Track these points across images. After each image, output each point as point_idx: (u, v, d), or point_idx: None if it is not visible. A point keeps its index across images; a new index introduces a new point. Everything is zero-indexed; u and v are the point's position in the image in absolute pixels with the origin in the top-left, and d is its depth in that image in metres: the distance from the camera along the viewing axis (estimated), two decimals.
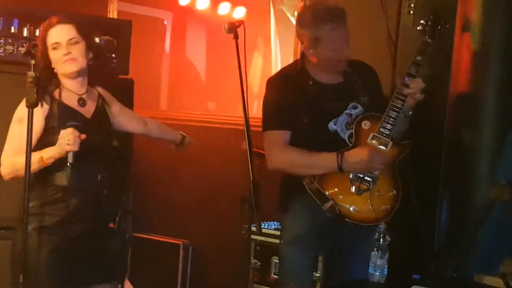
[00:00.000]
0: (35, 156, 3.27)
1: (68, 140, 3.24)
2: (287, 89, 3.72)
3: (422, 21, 3.72)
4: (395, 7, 4.41)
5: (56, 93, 3.43)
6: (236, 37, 3.40)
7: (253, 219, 3.27)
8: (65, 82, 3.46)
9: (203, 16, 6.75)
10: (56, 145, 3.28)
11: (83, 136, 3.28)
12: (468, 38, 3.94)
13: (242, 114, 3.34)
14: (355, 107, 3.74)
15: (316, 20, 3.63)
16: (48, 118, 3.37)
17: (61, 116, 3.38)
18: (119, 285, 3.65)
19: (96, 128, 3.47)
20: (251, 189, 3.22)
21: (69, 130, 3.26)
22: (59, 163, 3.32)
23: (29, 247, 3.28)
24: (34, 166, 3.26)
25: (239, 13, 6.63)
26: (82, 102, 3.48)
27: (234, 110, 5.62)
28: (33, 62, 3.20)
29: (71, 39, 3.42)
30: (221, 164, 5.28)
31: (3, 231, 4.10)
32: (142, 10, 6.35)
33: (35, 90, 3.18)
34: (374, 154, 3.59)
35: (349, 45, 3.67)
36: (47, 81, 3.41)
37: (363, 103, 3.74)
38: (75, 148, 3.26)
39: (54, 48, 3.42)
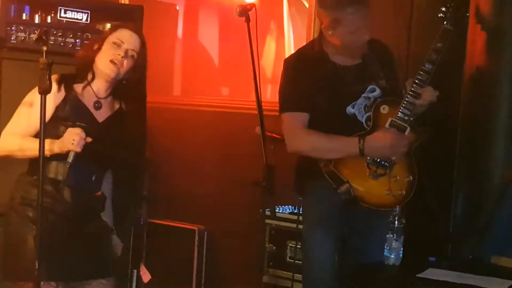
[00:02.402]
0: (35, 144, 3.17)
1: (73, 139, 3.21)
2: (305, 70, 3.68)
3: (443, 8, 3.67)
4: None
5: (77, 87, 3.41)
6: (247, 20, 3.38)
7: (267, 203, 3.27)
8: (95, 81, 3.44)
9: (215, 0, 6.71)
10: (60, 140, 3.25)
11: (89, 139, 3.24)
12: (483, 17, 3.91)
13: (255, 99, 3.32)
14: (373, 90, 3.71)
15: (338, 1, 3.58)
16: (58, 108, 3.35)
17: (72, 111, 3.36)
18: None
19: (104, 133, 3.41)
20: (265, 173, 3.21)
21: (77, 130, 3.23)
22: (55, 157, 3.28)
23: (19, 236, 3.28)
24: (31, 153, 3.23)
25: None
26: (98, 105, 3.44)
27: (247, 95, 5.59)
28: (45, 48, 3.18)
29: (132, 49, 3.41)
30: (235, 148, 5.27)
31: None
32: None
33: (47, 77, 3.16)
34: (397, 139, 3.57)
35: (369, 28, 3.63)
36: (81, 73, 3.42)
37: (381, 85, 3.72)
38: (78, 149, 3.21)
39: (115, 43, 3.39)
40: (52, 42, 4.08)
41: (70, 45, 4.23)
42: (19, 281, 3.28)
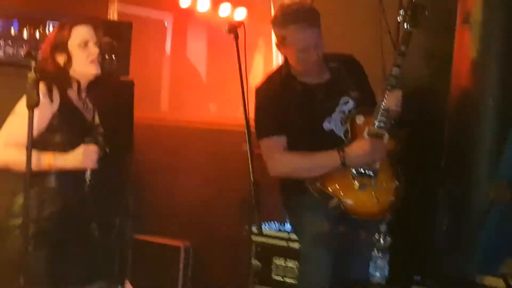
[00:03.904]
0: (43, 159, 3.23)
1: (91, 158, 3.27)
2: (276, 95, 3.73)
3: (401, 11, 3.70)
4: (395, 5, 4.41)
5: (68, 93, 3.41)
6: (236, 37, 3.40)
7: (253, 220, 3.27)
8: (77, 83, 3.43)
9: (203, 17, 6.75)
10: (74, 158, 3.28)
11: (100, 154, 3.31)
12: (469, 35, 3.94)
13: (243, 115, 3.33)
14: (346, 102, 3.75)
15: (282, 19, 3.67)
16: (54, 117, 3.33)
17: (68, 116, 3.36)
18: (119, 286, 3.62)
19: (96, 132, 3.44)
20: (252, 190, 3.21)
21: (93, 147, 3.28)
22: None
23: (16, 247, 3.23)
24: (37, 167, 3.21)
25: (240, 14, 6.62)
26: (85, 105, 3.46)
27: (235, 111, 5.62)
28: (33, 63, 3.19)
29: (95, 41, 3.43)
30: (222, 165, 5.27)
31: None
32: (143, 11, 6.35)
33: (35, 92, 3.17)
34: (375, 144, 3.59)
35: (320, 47, 3.66)
36: (60, 80, 3.38)
37: (353, 97, 3.75)
38: (96, 166, 3.29)
39: (82, 45, 3.40)
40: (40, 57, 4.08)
41: None
42: None
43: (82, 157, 3.27)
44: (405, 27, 3.67)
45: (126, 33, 4.71)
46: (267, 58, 6.68)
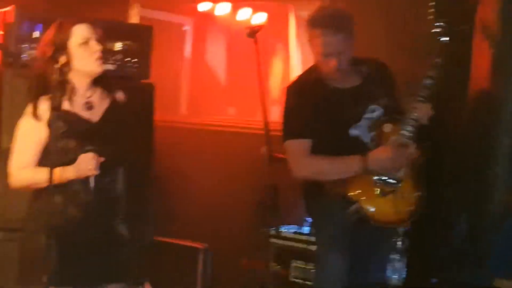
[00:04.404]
0: (46, 175, 3.19)
1: (90, 165, 3.27)
2: (305, 97, 3.73)
3: (438, 23, 3.70)
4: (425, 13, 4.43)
5: (63, 100, 3.35)
6: (256, 42, 3.42)
7: (272, 222, 3.29)
8: (77, 84, 3.39)
9: (223, 21, 6.78)
10: (75, 169, 3.28)
11: (102, 159, 3.29)
12: (487, 41, 3.95)
13: (261, 119, 3.35)
14: (374, 110, 3.73)
15: (313, 20, 3.68)
16: (51, 125, 3.29)
17: (66, 125, 3.33)
18: (139, 287, 3.63)
19: (105, 130, 3.42)
20: (270, 193, 3.24)
21: (90, 155, 3.27)
22: None
23: (35, 247, 3.29)
24: (45, 184, 3.24)
25: (259, 18, 6.64)
26: (89, 105, 3.41)
27: (254, 115, 5.64)
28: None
29: (96, 39, 3.38)
30: (241, 168, 5.29)
31: (7, 233, 4.12)
32: (163, 15, 6.39)
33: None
34: (399, 151, 3.59)
35: (345, 55, 3.65)
36: (56, 89, 3.30)
37: (382, 104, 3.73)
38: (97, 172, 3.28)
39: (83, 44, 3.35)
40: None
41: None
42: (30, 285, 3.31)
43: (80, 166, 3.28)
44: (441, 39, 3.67)
45: (146, 36, 4.76)
46: (286, 62, 6.70)
